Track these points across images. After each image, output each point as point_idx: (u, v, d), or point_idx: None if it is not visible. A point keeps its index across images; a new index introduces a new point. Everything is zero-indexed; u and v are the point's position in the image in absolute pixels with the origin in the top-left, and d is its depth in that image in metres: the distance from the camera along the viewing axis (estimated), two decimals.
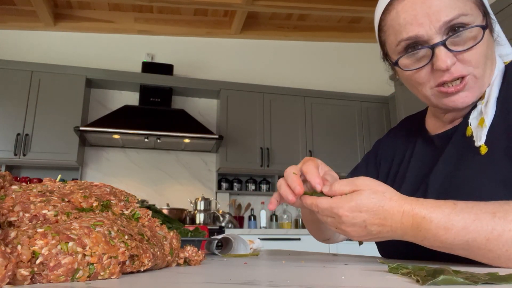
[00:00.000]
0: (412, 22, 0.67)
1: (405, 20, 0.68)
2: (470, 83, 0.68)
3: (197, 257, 0.58)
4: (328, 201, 0.59)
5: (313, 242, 3.51)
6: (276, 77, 4.48)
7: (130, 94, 4.07)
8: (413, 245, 0.60)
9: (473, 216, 0.53)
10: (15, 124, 3.46)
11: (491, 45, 0.70)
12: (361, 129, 4.28)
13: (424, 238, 0.55)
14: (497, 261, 0.53)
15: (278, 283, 0.36)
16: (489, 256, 0.53)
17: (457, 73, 0.66)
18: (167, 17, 4.24)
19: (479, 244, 0.52)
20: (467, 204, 0.54)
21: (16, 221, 0.42)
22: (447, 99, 0.69)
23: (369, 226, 0.56)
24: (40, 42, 4.04)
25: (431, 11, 0.66)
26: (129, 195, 0.59)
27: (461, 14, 0.65)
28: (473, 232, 0.52)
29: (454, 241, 0.53)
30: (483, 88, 0.70)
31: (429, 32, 0.66)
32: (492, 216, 0.52)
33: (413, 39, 0.68)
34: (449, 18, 0.65)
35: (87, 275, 0.37)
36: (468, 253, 0.54)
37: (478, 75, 0.68)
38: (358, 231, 0.58)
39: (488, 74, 0.70)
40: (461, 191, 0.65)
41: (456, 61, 0.66)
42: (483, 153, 0.65)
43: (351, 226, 0.57)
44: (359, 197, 0.56)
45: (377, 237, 0.58)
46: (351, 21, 4.57)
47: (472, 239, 0.52)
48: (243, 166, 3.90)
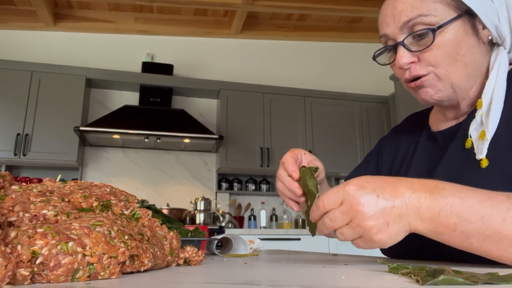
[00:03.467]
0: (383, 21, 0.73)
1: (380, 20, 0.75)
2: (431, 80, 0.70)
3: (197, 257, 0.58)
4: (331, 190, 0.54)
5: (313, 242, 3.52)
6: (276, 77, 4.48)
7: (130, 94, 4.07)
8: (414, 242, 0.59)
9: (487, 194, 0.50)
10: (15, 124, 3.46)
11: (470, 47, 0.69)
12: (361, 129, 4.28)
13: (441, 209, 0.49)
14: (509, 251, 0.48)
15: (278, 283, 0.36)
16: (503, 244, 0.48)
17: (415, 72, 0.70)
18: (167, 17, 4.24)
19: (495, 224, 0.48)
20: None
21: (16, 221, 0.42)
22: (415, 94, 0.74)
23: (381, 196, 0.50)
24: (40, 42, 4.04)
25: (395, 12, 0.71)
26: (129, 195, 0.59)
27: (421, 14, 0.67)
28: (489, 207, 0.49)
29: (470, 215, 0.48)
30: (452, 88, 0.70)
31: (393, 32, 0.71)
32: (506, 198, 0.49)
33: (385, 37, 0.74)
34: (407, 18, 0.69)
35: (87, 275, 0.37)
36: (483, 240, 0.49)
37: (440, 75, 0.69)
38: (371, 206, 0.50)
39: (461, 76, 0.69)
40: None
41: (415, 60, 0.70)
42: (484, 167, 0.64)
43: (362, 198, 0.50)
44: (362, 176, 0.54)
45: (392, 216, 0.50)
46: (351, 21, 4.57)
47: (489, 216, 0.48)
48: (243, 166, 3.90)
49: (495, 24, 0.70)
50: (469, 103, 0.74)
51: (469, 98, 0.73)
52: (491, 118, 0.65)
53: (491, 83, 0.69)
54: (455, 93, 0.71)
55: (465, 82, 0.71)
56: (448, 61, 0.68)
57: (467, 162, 0.68)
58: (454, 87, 0.70)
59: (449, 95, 0.71)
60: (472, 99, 0.74)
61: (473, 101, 0.74)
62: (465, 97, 0.73)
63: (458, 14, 0.68)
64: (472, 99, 0.74)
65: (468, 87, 0.72)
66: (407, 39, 0.69)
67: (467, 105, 0.75)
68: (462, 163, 0.69)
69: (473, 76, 0.71)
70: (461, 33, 0.68)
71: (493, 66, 0.71)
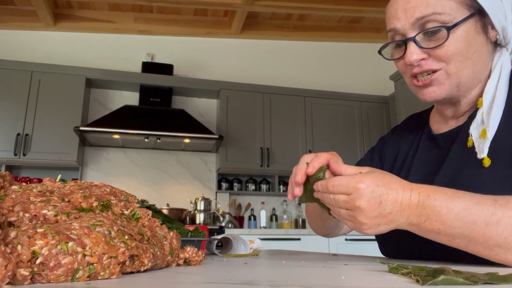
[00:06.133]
0: (393, 15, 0.72)
1: (390, 13, 0.73)
2: (440, 79, 0.70)
3: (197, 257, 0.58)
4: (345, 177, 0.58)
5: (313, 242, 3.51)
6: (276, 77, 4.48)
7: (130, 94, 4.07)
8: (414, 243, 0.60)
9: (475, 200, 0.54)
10: (15, 124, 3.46)
11: (480, 46, 0.69)
12: (361, 129, 4.28)
13: (427, 218, 0.56)
14: (497, 251, 0.52)
15: (278, 283, 0.36)
16: (489, 245, 0.52)
17: (427, 67, 0.70)
18: (167, 17, 4.23)
19: (479, 227, 0.52)
20: (469, 192, 0.56)
21: (16, 221, 0.42)
22: (419, 91, 0.73)
23: (383, 203, 0.56)
24: (40, 42, 4.04)
25: (408, 7, 0.69)
26: (129, 195, 0.59)
27: (435, 12, 0.67)
28: (473, 214, 0.53)
29: (455, 222, 0.54)
30: (458, 87, 0.70)
31: (404, 27, 0.70)
32: (493, 202, 0.53)
33: (393, 31, 0.72)
34: (421, 15, 0.68)
35: (87, 275, 0.37)
36: (468, 242, 0.54)
37: (450, 72, 0.69)
38: (372, 208, 0.56)
39: (468, 74, 0.69)
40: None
41: (425, 57, 0.69)
42: (487, 166, 0.64)
43: (368, 201, 0.56)
44: (374, 174, 0.58)
45: (386, 220, 0.57)
46: (351, 21, 4.57)
47: (472, 221, 0.53)
48: (243, 166, 3.90)
49: (502, 25, 0.70)
50: (469, 102, 0.74)
51: (470, 97, 0.74)
52: (492, 116, 0.66)
53: (493, 82, 0.70)
54: (458, 91, 0.71)
55: (471, 81, 0.71)
56: (460, 58, 0.68)
57: (469, 163, 0.67)
58: (459, 85, 0.70)
59: (452, 93, 0.71)
60: (473, 98, 0.74)
61: (473, 100, 0.74)
62: (467, 96, 0.73)
63: (471, 12, 0.68)
64: (473, 98, 0.74)
65: (472, 86, 0.72)
66: (418, 36, 0.69)
67: (467, 104, 0.74)
68: (464, 164, 0.69)
69: (478, 76, 0.71)
70: (472, 31, 0.68)
71: (495, 66, 0.71)
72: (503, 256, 0.52)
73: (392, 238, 0.72)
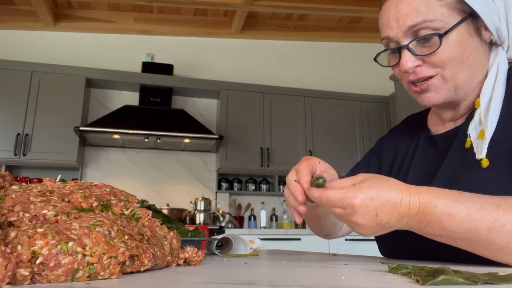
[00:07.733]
0: (386, 24, 0.72)
1: (382, 21, 0.73)
2: (437, 84, 0.70)
3: (197, 257, 0.58)
4: (339, 192, 0.57)
5: (313, 242, 3.51)
6: (276, 77, 4.48)
7: (130, 94, 4.07)
8: (413, 243, 0.60)
9: (478, 206, 0.53)
10: (15, 124, 3.46)
11: (474, 49, 0.69)
12: (361, 129, 4.28)
13: (428, 224, 0.55)
14: (498, 253, 0.52)
15: (278, 283, 0.36)
16: (491, 248, 0.52)
17: (422, 74, 0.70)
18: (167, 17, 4.23)
19: (481, 233, 0.52)
20: (472, 195, 0.55)
21: (16, 221, 0.42)
22: (417, 97, 0.73)
23: (380, 215, 0.55)
24: (40, 42, 4.04)
25: (399, 15, 0.69)
26: (129, 195, 0.59)
27: (426, 20, 0.67)
28: (476, 220, 0.52)
29: (457, 228, 0.53)
30: (455, 90, 0.70)
31: (397, 35, 0.70)
32: (496, 207, 0.52)
33: (387, 39, 0.73)
34: (413, 23, 0.68)
35: (87, 275, 0.37)
36: (470, 244, 0.54)
37: (446, 77, 0.69)
38: (369, 221, 0.55)
39: (465, 77, 0.69)
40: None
41: (420, 63, 0.69)
42: (485, 167, 0.64)
43: (363, 216, 0.55)
44: (368, 184, 0.56)
45: (385, 227, 0.57)
46: (351, 21, 4.58)
47: (475, 228, 0.52)
48: (243, 166, 3.90)
49: (496, 25, 0.70)
50: (468, 104, 0.74)
51: (469, 99, 0.73)
52: (490, 117, 0.66)
53: (490, 82, 0.69)
54: (457, 95, 0.71)
55: (469, 83, 0.71)
56: (454, 63, 0.68)
57: (468, 164, 0.67)
58: (457, 89, 0.70)
59: (451, 97, 0.71)
60: (472, 100, 0.73)
61: (472, 102, 0.73)
62: (466, 98, 0.73)
63: (462, 17, 0.68)
64: (472, 100, 0.73)
65: (470, 89, 0.72)
66: (411, 43, 0.69)
67: (466, 107, 0.74)
68: (463, 165, 0.69)
69: (476, 78, 0.71)
70: (465, 35, 0.68)
71: (491, 66, 0.71)
72: (505, 257, 0.52)
73: (392, 238, 0.72)
